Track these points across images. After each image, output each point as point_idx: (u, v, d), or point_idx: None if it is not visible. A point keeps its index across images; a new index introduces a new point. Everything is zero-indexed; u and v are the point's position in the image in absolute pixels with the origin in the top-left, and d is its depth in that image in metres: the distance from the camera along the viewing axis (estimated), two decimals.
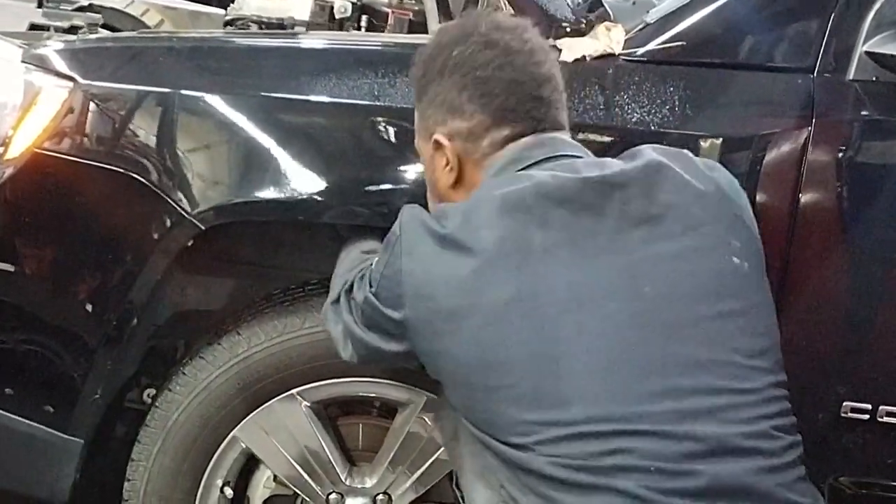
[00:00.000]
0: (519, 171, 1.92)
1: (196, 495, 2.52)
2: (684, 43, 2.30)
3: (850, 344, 2.37)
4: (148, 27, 3.13)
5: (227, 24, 2.87)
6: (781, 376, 1.88)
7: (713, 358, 1.80)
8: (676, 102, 2.27)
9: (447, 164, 2.00)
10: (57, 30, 2.74)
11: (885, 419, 2.38)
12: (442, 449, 2.45)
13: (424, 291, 1.84)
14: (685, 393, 1.76)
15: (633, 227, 1.83)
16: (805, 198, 2.27)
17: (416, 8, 2.78)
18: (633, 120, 2.26)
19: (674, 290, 1.81)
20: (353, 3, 2.88)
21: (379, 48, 2.50)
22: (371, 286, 1.93)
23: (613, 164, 1.91)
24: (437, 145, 2.00)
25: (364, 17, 2.82)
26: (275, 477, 2.57)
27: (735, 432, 1.76)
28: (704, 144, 2.27)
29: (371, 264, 1.99)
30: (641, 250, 1.82)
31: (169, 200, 2.31)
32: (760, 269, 1.94)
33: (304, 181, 2.29)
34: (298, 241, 2.56)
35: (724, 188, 1.94)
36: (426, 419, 2.47)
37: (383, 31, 3.06)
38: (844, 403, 2.37)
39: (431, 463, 2.51)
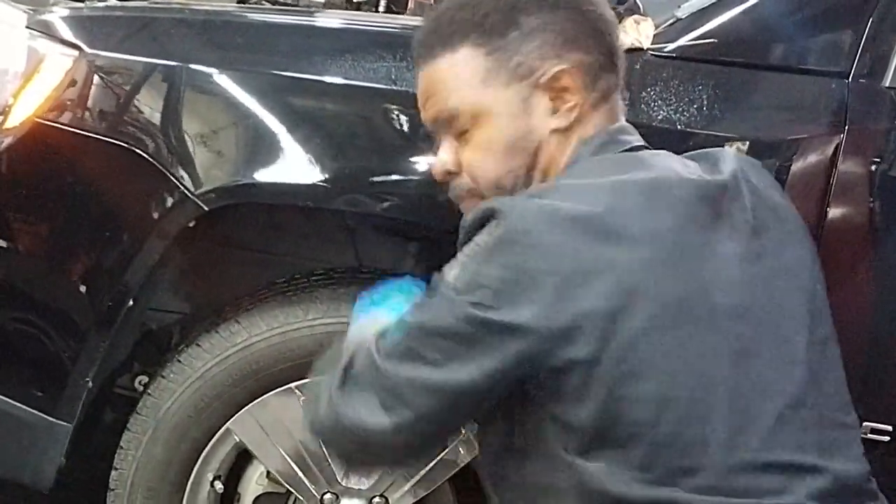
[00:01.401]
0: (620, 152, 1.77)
1: (185, 488, 2.46)
2: (716, 40, 2.24)
3: (873, 363, 2.30)
4: None
5: (241, 0, 2.81)
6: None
7: (828, 390, 1.70)
8: (704, 102, 2.21)
9: (566, 102, 1.76)
10: None
11: None
12: (443, 453, 2.40)
13: (569, 291, 1.53)
14: (811, 424, 1.65)
15: (746, 239, 1.69)
16: (833, 209, 2.20)
17: None
18: (659, 118, 2.20)
19: (787, 311, 1.70)
20: None
21: (398, 31, 2.44)
22: (469, 294, 1.56)
23: (706, 167, 1.78)
24: (556, 79, 1.75)
25: (383, 0, 2.76)
26: (268, 473, 2.50)
27: (862, 472, 1.69)
28: (731, 147, 2.18)
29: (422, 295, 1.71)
30: (756, 266, 1.69)
31: (172, 179, 2.25)
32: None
33: (313, 165, 2.23)
34: (305, 228, 2.52)
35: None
36: None
37: (402, 14, 3.01)
38: (865, 424, 2.29)
39: (432, 467, 2.44)
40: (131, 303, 2.33)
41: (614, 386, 1.54)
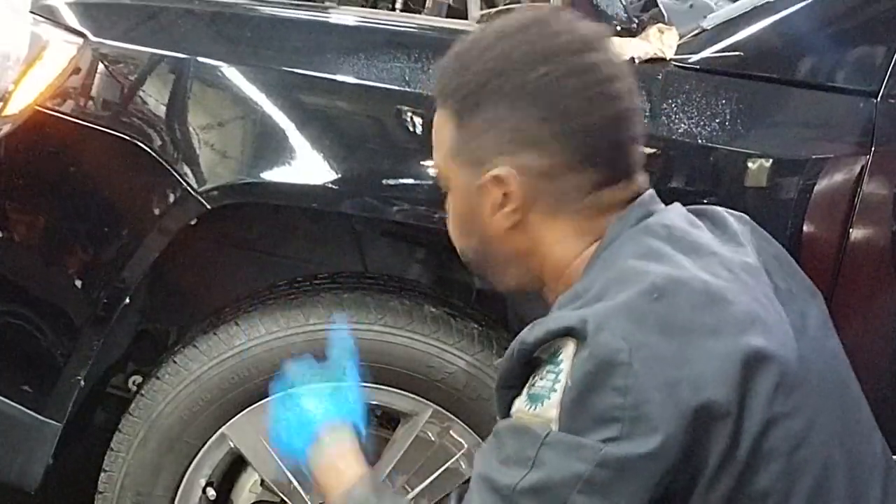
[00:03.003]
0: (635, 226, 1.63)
1: (176, 493, 2.42)
2: (742, 53, 2.18)
3: (892, 393, 2.23)
4: None
5: None
6: None
7: (876, 450, 1.63)
8: (728, 116, 2.16)
9: (506, 205, 1.62)
10: None
11: None
12: (444, 466, 2.37)
13: (689, 395, 1.40)
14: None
15: (790, 306, 1.61)
16: (856, 232, 2.14)
17: None
18: (680, 131, 2.15)
19: (844, 372, 1.64)
20: None
21: (414, 31, 2.40)
22: (597, 432, 1.39)
23: (721, 235, 1.67)
24: (497, 181, 1.61)
25: None
26: (262, 481, 2.46)
27: None
28: (753, 165, 2.16)
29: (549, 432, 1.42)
30: (810, 332, 1.60)
31: (174, 174, 2.21)
32: None
33: (321, 166, 2.19)
34: (310, 230, 2.49)
35: None
36: (430, 433, 2.36)
37: (420, 14, 2.98)
38: None
39: (433, 480, 2.40)
40: (128, 301, 2.29)
41: (742, 476, 1.43)
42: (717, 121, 2.15)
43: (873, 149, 2.13)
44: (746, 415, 1.40)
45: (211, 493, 2.44)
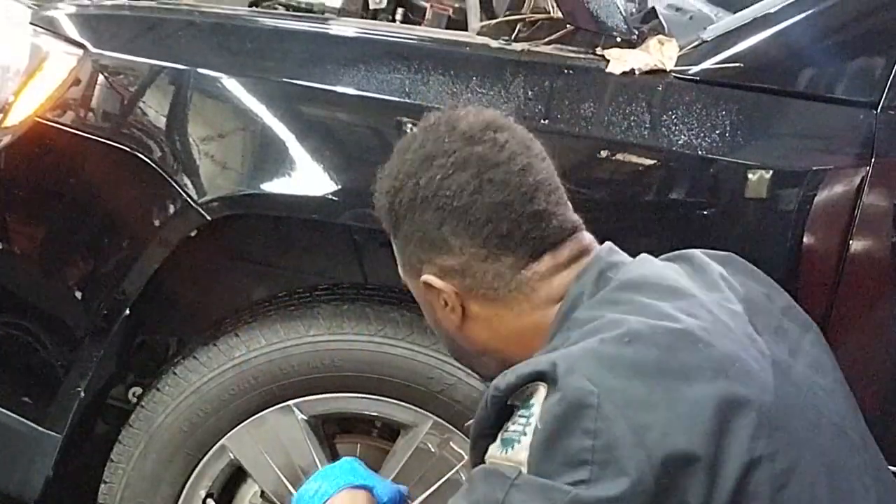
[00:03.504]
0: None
1: None
2: (741, 65, 2.18)
3: (893, 406, 2.23)
4: None
5: (252, 4, 2.76)
6: None
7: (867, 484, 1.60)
8: (727, 127, 2.15)
9: (446, 305, 1.68)
10: None
11: None
12: (444, 477, 2.35)
13: (662, 439, 1.38)
14: None
15: (776, 343, 1.62)
16: (856, 243, 2.13)
17: (457, 5, 2.66)
18: (680, 142, 2.14)
19: (826, 411, 1.59)
20: None
21: (414, 42, 2.39)
22: (566, 475, 1.38)
23: (700, 279, 1.66)
24: (427, 287, 1.68)
25: (400, 10, 2.71)
26: (262, 493, 2.45)
27: None
28: (753, 176, 2.14)
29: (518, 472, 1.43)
30: (800, 369, 1.61)
31: (174, 186, 2.21)
32: None
33: (321, 178, 2.19)
34: (310, 241, 2.48)
35: None
36: (430, 444, 2.35)
37: (419, 25, 2.97)
38: None
39: (433, 491, 2.38)
40: (127, 312, 2.29)
41: None
42: (717, 132, 2.14)
43: (873, 160, 2.13)
44: (723, 460, 1.38)
45: None
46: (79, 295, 2.31)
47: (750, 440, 1.40)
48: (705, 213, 2.12)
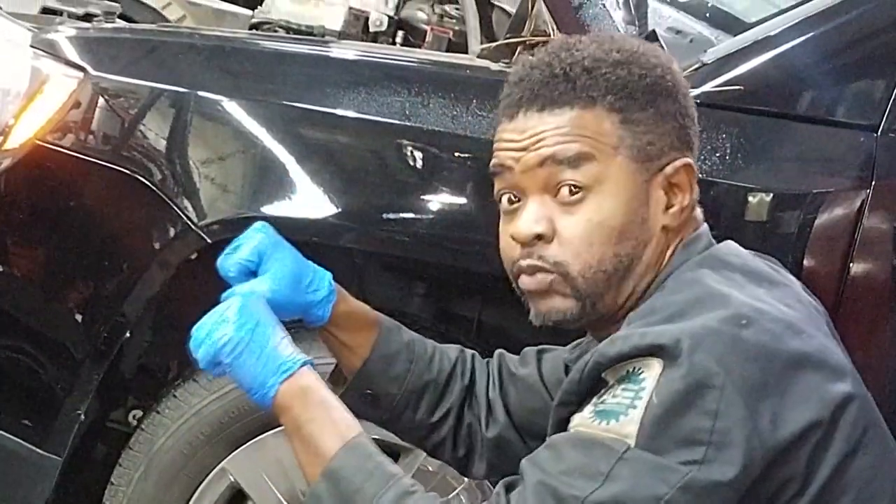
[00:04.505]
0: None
1: None
2: (742, 88, 2.18)
3: (893, 428, 2.22)
4: (168, 21, 3.03)
5: (252, 27, 2.77)
6: None
7: None
8: (728, 150, 2.16)
9: (674, 200, 1.57)
10: (71, 16, 2.64)
11: None
12: (444, 499, 2.34)
13: (770, 425, 1.38)
14: None
15: None
16: (856, 266, 2.14)
17: (457, 28, 2.66)
18: None
19: None
20: (389, 17, 2.77)
21: (414, 65, 2.39)
22: (680, 453, 1.35)
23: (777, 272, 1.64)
24: (676, 173, 1.57)
25: (400, 33, 2.71)
26: None
27: None
28: (753, 199, 2.15)
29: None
30: None
31: (175, 209, 2.22)
32: None
33: (322, 200, 2.20)
34: None
35: None
36: (430, 466, 2.35)
37: (420, 48, 2.97)
38: None
39: None
40: (128, 335, 2.29)
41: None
42: (718, 155, 2.14)
43: (874, 183, 2.13)
44: (825, 450, 1.39)
45: None
46: (79, 317, 2.31)
47: (851, 430, 1.41)
48: None
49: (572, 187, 1.52)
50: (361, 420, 1.61)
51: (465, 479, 2.32)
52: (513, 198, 1.58)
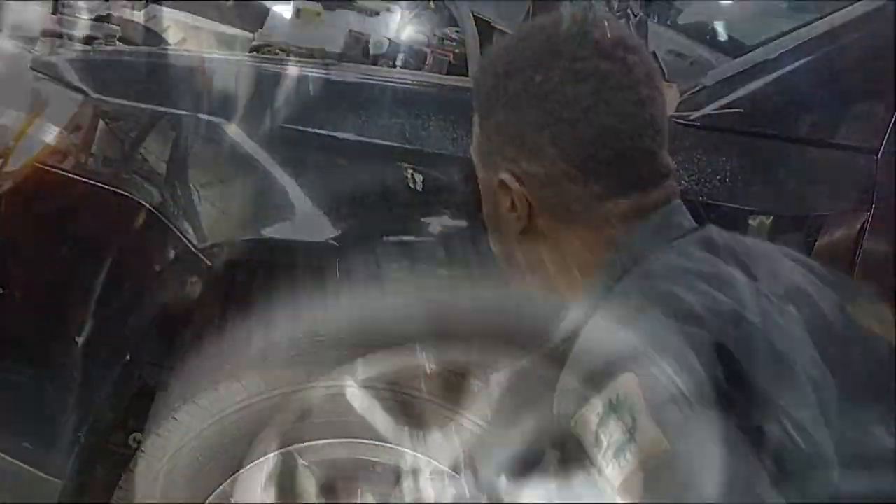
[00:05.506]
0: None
1: None
2: (742, 110, 2.18)
3: None
4: (169, 45, 3.03)
5: (253, 49, 2.76)
6: None
7: None
8: (728, 173, 2.14)
9: (513, 209, 1.61)
10: (71, 38, 2.63)
11: None
12: None
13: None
14: None
15: None
16: None
17: (457, 51, 2.66)
18: (681, 188, 2.11)
19: None
20: (390, 40, 2.76)
21: (415, 87, 2.38)
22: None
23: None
24: (502, 186, 1.61)
25: (400, 55, 2.71)
26: None
27: None
28: (753, 222, 2.13)
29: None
30: None
31: (175, 231, 2.21)
32: None
33: (322, 223, 2.19)
34: (311, 286, 2.43)
35: None
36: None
37: (420, 71, 2.97)
38: None
39: None
40: (128, 357, 2.29)
41: None
42: (718, 177, 2.13)
43: (874, 205, 2.12)
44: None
45: None
46: (78, 340, 2.30)
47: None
48: None
49: None
50: None
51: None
52: None
